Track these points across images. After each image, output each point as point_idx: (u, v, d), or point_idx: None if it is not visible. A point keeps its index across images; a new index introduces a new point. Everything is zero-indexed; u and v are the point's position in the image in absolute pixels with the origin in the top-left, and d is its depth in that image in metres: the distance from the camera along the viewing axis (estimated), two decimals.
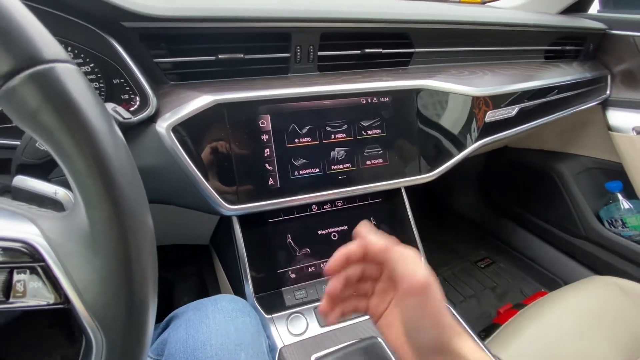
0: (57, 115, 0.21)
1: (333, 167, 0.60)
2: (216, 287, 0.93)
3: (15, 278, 0.23)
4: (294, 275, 0.61)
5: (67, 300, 0.23)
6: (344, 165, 0.61)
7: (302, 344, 0.53)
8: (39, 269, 0.23)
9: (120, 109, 0.45)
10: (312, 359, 0.50)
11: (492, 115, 0.75)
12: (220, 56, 0.56)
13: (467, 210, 1.64)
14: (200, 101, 0.51)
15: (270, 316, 0.56)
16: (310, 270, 0.62)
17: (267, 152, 0.56)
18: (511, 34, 0.88)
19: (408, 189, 0.70)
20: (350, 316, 0.43)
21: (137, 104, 0.51)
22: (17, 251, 0.23)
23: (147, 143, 0.51)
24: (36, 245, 0.23)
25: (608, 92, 1.07)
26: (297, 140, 0.57)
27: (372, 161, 0.63)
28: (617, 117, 1.07)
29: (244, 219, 0.60)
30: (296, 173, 0.57)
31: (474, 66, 0.83)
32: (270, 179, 0.56)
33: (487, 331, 0.96)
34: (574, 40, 1.02)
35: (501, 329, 0.70)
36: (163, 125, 0.49)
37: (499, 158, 1.43)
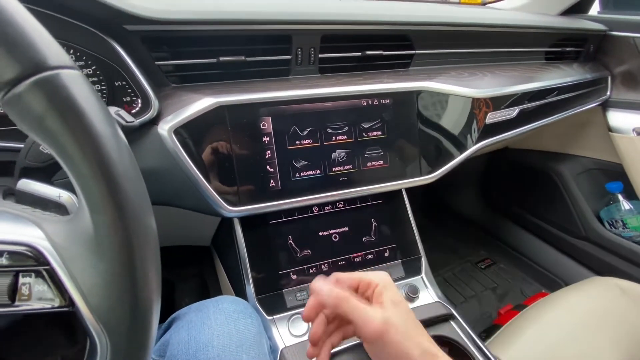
0: (62, 121, 0.21)
1: (334, 168, 0.60)
2: (217, 289, 0.93)
3: (20, 281, 0.23)
4: (295, 277, 0.61)
5: (71, 303, 0.24)
6: (345, 167, 0.61)
7: (304, 345, 0.53)
8: (44, 273, 0.24)
9: (123, 113, 0.46)
10: None
11: (493, 117, 0.76)
12: (221, 59, 0.56)
13: (468, 211, 1.64)
14: (201, 103, 0.51)
15: (271, 317, 0.56)
16: (311, 271, 0.62)
17: (268, 154, 0.56)
18: (512, 36, 0.88)
19: (409, 190, 0.70)
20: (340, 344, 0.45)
21: (139, 106, 0.52)
22: (22, 255, 0.24)
23: (149, 145, 0.51)
24: (41, 249, 0.24)
25: (608, 93, 1.08)
26: (298, 142, 0.57)
27: (373, 163, 0.63)
28: (617, 118, 1.07)
29: (245, 220, 0.60)
30: (297, 175, 0.58)
31: (474, 68, 0.83)
32: (272, 180, 0.56)
33: (487, 332, 0.97)
34: (574, 41, 1.02)
35: (502, 329, 0.70)
36: (165, 128, 0.49)
37: (500, 159, 1.43)
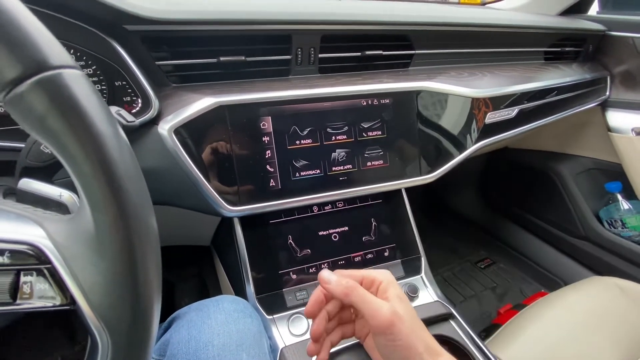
0: (64, 120, 0.22)
1: (334, 168, 0.60)
2: (217, 288, 0.93)
3: (22, 280, 0.24)
4: (295, 276, 0.61)
5: (73, 301, 0.24)
6: (345, 167, 0.61)
7: (304, 344, 0.53)
8: (45, 271, 0.24)
9: (123, 112, 0.46)
10: (313, 359, 0.50)
11: (492, 117, 0.76)
12: (221, 58, 0.56)
13: (468, 210, 1.64)
14: (202, 103, 0.51)
15: (271, 317, 0.57)
16: (311, 271, 0.62)
17: (268, 153, 0.56)
18: (511, 36, 0.88)
19: (408, 189, 0.70)
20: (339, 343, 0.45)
21: (139, 106, 0.52)
22: (23, 253, 0.24)
23: (149, 145, 0.51)
24: (42, 248, 0.24)
25: (607, 93, 1.08)
26: (298, 142, 0.58)
27: (373, 162, 0.63)
28: (616, 118, 1.07)
29: (245, 220, 0.60)
30: (297, 174, 0.58)
31: (474, 67, 0.83)
32: (272, 180, 0.56)
33: (487, 331, 0.97)
34: (573, 41, 1.03)
35: (501, 329, 0.70)
36: (165, 127, 0.50)
37: (499, 159, 1.43)
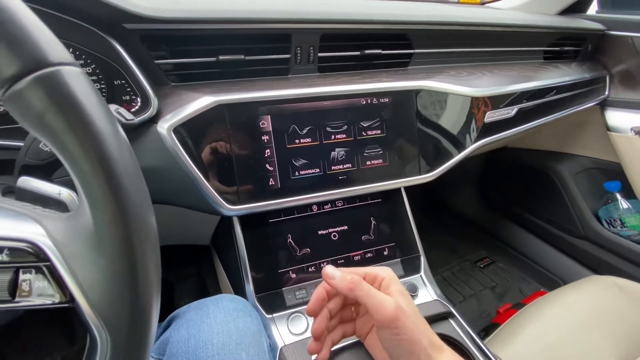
0: (62, 118, 0.21)
1: (333, 167, 0.60)
2: (217, 288, 0.93)
3: (21, 277, 0.24)
4: (294, 275, 0.61)
5: (72, 299, 0.24)
6: (344, 166, 0.61)
7: (303, 343, 0.53)
8: (44, 269, 0.24)
9: (122, 111, 0.46)
10: (313, 358, 0.50)
11: (491, 116, 0.76)
12: (221, 57, 0.56)
13: (467, 210, 1.64)
14: (201, 102, 0.51)
15: (271, 316, 0.57)
16: (310, 270, 0.63)
17: (267, 152, 0.56)
18: (510, 35, 0.88)
19: (408, 188, 0.70)
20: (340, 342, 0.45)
21: (138, 105, 0.52)
22: (22, 251, 0.24)
23: (148, 144, 0.51)
24: (41, 245, 0.24)
25: (607, 92, 1.08)
26: (297, 141, 0.58)
27: (372, 161, 0.63)
28: (615, 117, 1.07)
29: (245, 219, 0.60)
30: (296, 173, 0.58)
31: (473, 67, 0.83)
32: (271, 179, 0.56)
33: (486, 330, 0.97)
34: (572, 40, 1.03)
35: (500, 328, 0.70)
36: (164, 126, 0.49)
37: (499, 158, 1.43)
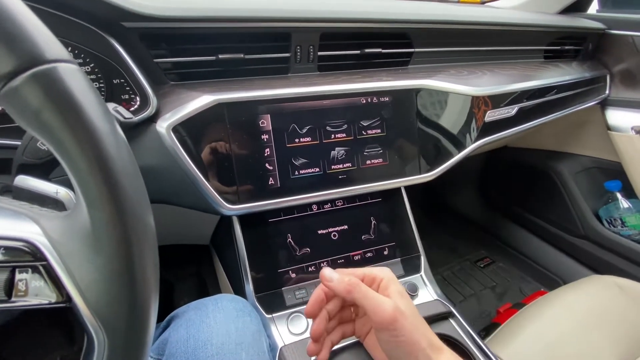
0: (59, 115, 0.21)
1: (333, 166, 0.60)
2: (216, 287, 0.93)
3: (17, 277, 0.23)
4: (294, 275, 0.61)
5: (69, 299, 0.24)
6: (344, 165, 0.61)
7: (303, 343, 0.53)
8: (41, 268, 0.24)
9: (121, 109, 0.45)
10: (313, 358, 0.50)
11: (492, 115, 0.76)
12: (220, 56, 0.56)
13: (467, 209, 1.64)
14: (200, 101, 0.51)
15: (270, 316, 0.56)
16: (310, 269, 0.62)
17: (267, 151, 0.56)
18: (510, 34, 0.88)
19: (408, 188, 0.70)
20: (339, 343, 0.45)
21: (137, 103, 0.51)
22: (19, 250, 0.23)
23: (147, 143, 0.51)
24: (38, 245, 0.24)
25: (607, 91, 1.08)
26: (297, 140, 0.57)
27: (372, 161, 0.63)
28: (616, 116, 1.07)
29: (244, 218, 0.60)
30: (296, 173, 0.58)
31: (473, 66, 0.83)
32: (271, 178, 0.56)
33: (486, 330, 0.97)
34: (573, 40, 1.02)
35: (501, 328, 0.70)
36: (163, 125, 0.49)
37: (499, 157, 1.43)
